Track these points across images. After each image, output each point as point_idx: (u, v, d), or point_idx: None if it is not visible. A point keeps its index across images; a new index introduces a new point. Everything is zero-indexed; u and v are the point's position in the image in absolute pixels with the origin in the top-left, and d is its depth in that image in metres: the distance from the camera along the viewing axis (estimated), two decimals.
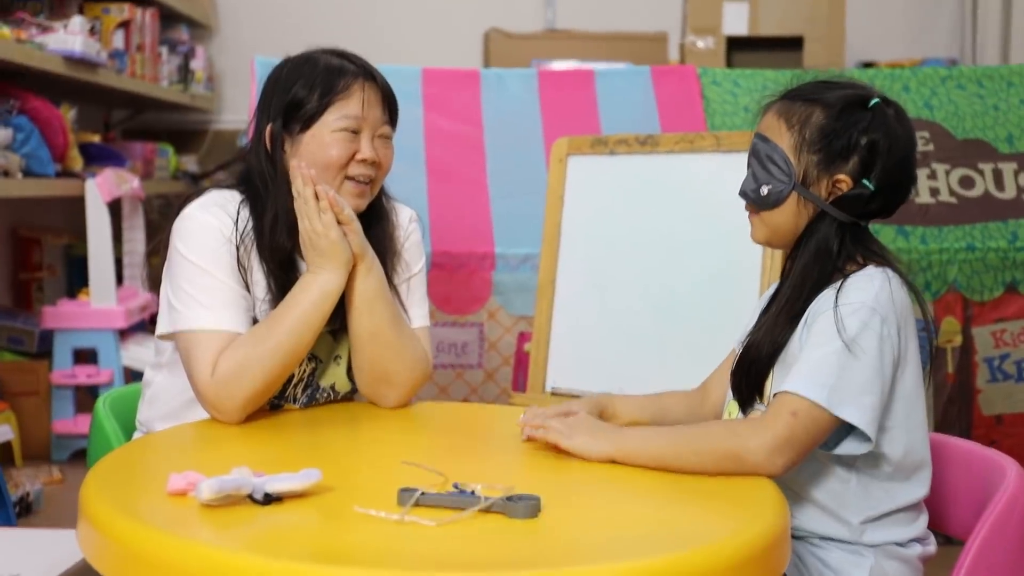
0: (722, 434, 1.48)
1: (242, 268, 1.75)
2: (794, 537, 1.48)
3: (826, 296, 1.54)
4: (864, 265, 1.57)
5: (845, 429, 1.49)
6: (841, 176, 1.57)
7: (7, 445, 3.47)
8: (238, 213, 1.78)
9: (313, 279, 1.73)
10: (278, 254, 1.78)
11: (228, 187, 1.84)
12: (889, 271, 1.55)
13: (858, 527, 1.54)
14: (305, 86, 1.79)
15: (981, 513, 1.52)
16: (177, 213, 1.80)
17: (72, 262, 4.52)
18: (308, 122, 1.79)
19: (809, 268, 1.57)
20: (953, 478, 1.65)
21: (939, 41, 5.19)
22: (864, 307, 1.50)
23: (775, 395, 1.50)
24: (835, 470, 1.55)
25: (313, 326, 1.72)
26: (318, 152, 1.78)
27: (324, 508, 1.29)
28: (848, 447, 1.50)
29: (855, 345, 1.47)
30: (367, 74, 1.82)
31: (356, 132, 1.79)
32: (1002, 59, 4.95)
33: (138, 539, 1.19)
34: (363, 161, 1.79)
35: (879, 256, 1.59)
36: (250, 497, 1.29)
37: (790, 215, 1.59)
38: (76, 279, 4.40)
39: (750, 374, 1.59)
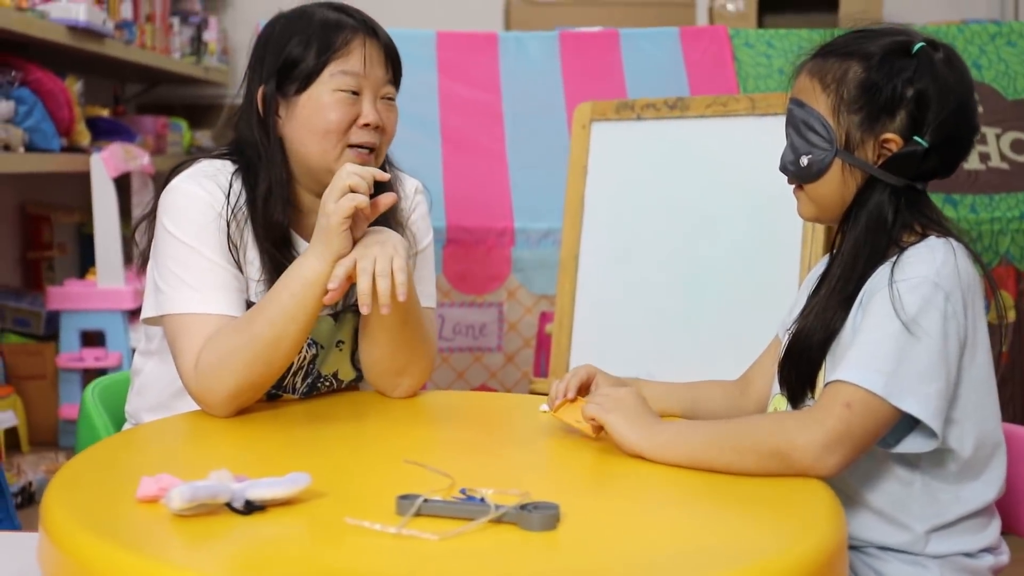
0: (766, 429, 1.31)
1: (233, 246, 1.59)
2: (848, 547, 1.31)
3: (882, 272, 1.36)
4: (923, 235, 1.40)
5: (907, 423, 1.32)
6: (889, 135, 1.39)
7: (13, 430, 3.36)
8: (230, 185, 1.62)
9: (298, 265, 1.55)
10: (272, 231, 1.62)
11: (220, 156, 1.68)
12: (953, 241, 1.38)
13: (922, 536, 1.37)
14: (300, 43, 1.62)
15: None
16: (164, 185, 1.64)
17: (84, 241, 4.41)
18: (304, 83, 1.62)
19: (861, 241, 1.40)
20: (1022, 473, 1.48)
21: (979, 2, 4.97)
22: (925, 282, 1.32)
23: (826, 385, 1.33)
24: (895, 470, 1.37)
25: (296, 318, 1.53)
26: (315, 117, 1.61)
27: (312, 519, 1.14)
28: (911, 444, 1.33)
29: (915, 325, 1.30)
30: (368, 29, 1.65)
31: (357, 93, 1.62)
32: None
33: (96, 555, 1.04)
34: (366, 126, 1.62)
35: (939, 224, 1.41)
36: (228, 506, 1.14)
37: (836, 185, 1.42)
38: (88, 258, 4.28)
39: (800, 364, 1.41)
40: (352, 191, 1.51)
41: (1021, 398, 2.80)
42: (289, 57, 1.62)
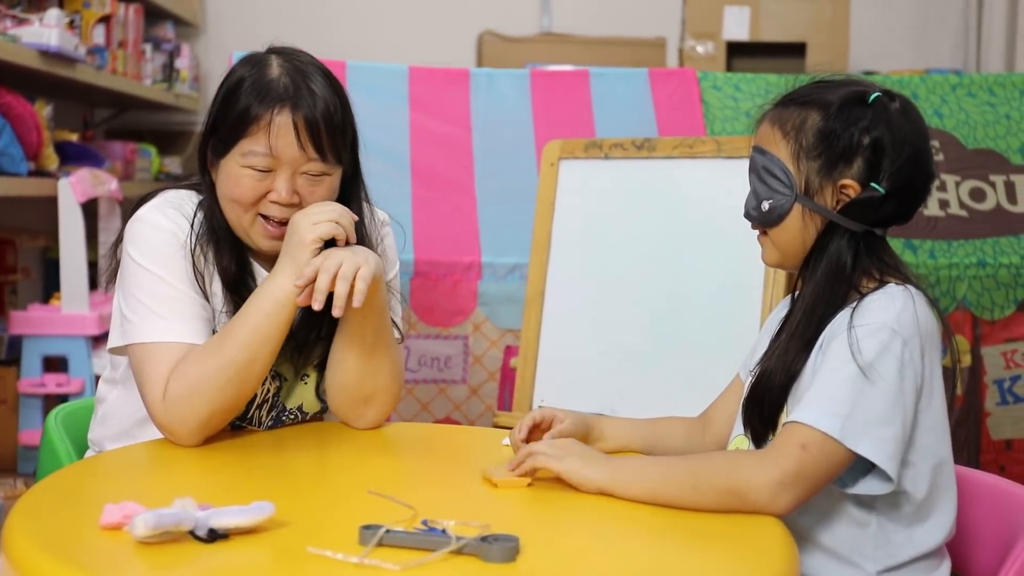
0: (723, 467, 1.34)
1: (199, 275, 1.60)
2: None
3: (842, 317, 1.40)
4: (882, 281, 1.43)
5: (864, 465, 1.35)
6: (846, 181, 1.44)
7: None
8: (194, 215, 1.63)
9: (266, 286, 1.56)
10: (223, 272, 1.63)
11: (187, 186, 1.69)
12: (912, 288, 1.41)
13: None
14: (226, 109, 1.59)
15: (1007, 556, 1.38)
16: (131, 215, 1.65)
17: (49, 265, 4.38)
18: (222, 150, 1.60)
19: (821, 286, 1.43)
20: (975, 515, 1.51)
21: (943, 52, 5.08)
22: (884, 328, 1.36)
23: (784, 425, 1.36)
24: (851, 511, 1.40)
25: (268, 339, 1.54)
26: (225, 186, 1.60)
27: (275, 547, 1.15)
28: (867, 486, 1.35)
29: (872, 370, 1.33)
30: (292, 100, 1.57)
31: (270, 169, 1.58)
32: (1007, 70, 4.83)
33: None
34: (277, 202, 1.58)
35: (897, 271, 1.45)
36: (192, 534, 1.14)
37: (797, 230, 1.46)
38: (53, 283, 4.25)
39: (763, 406, 1.44)
40: (334, 226, 1.53)
41: (976, 441, 2.84)
42: (220, 116, 1.61)
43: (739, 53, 4.34)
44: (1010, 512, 1.48)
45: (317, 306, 1.51)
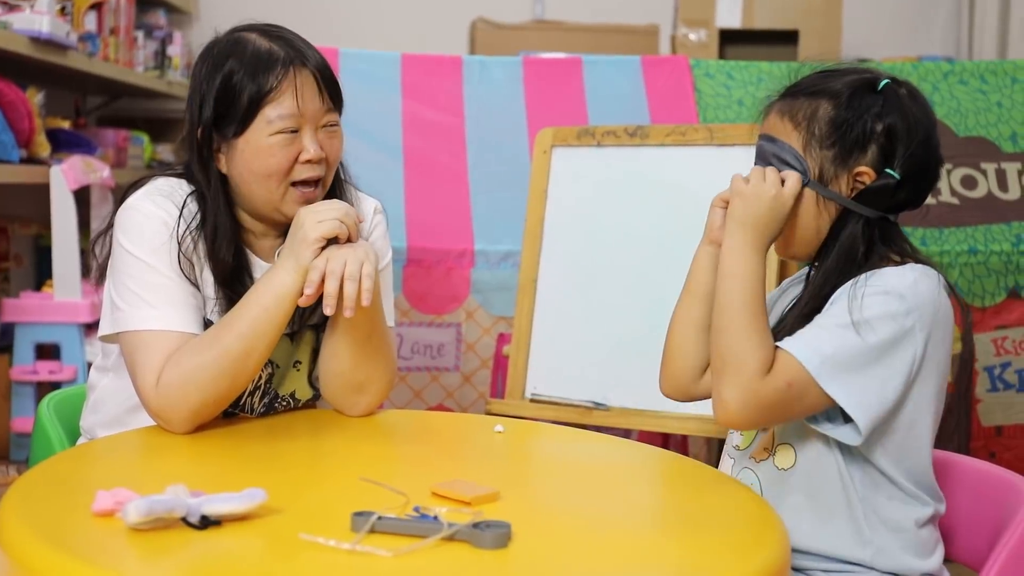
0: (746, 346, 1.38)
1: (188, 263, 1.60)
2: (793, 568, 1.35)
3: (858, 278, 1.42)
4: (903, 263, 1.44)
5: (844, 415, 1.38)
6: (862, 168, 1.45)
7: None
8: (184, 204, 1.63)
9: (268, 279, 1.56)
10: (221, 267, 1.63)
11: (177, 175, 1.69)
12: (931, 269, 1.43)
13: (870, 559, 1.40)
14: (233, 83, 1.58)
15: (996, 541, 1.39)
16: (120, 202, 1.65)
17: (41, 252, 4.37)
18: (241, 126, 1.59)
19: (832, 268, 1.45)
20: (964, 501, 1.52)
21: (935, 39, 5.08)
22: (892, 293, 1.37)
23: (778, 349, 1.39)
24: (849, 493, 1.42)
25: (266, 333, 1.55)
26: (255, 161, 1.59)
27: (267, 534, 1.15)
28: (837, 432, 1.39)
29: (866, 325, 1.35)
30: (299, 58, 1.60)
31: (296, 130, 1.59)
32: (999, 57, 4.83)
33: (51, 568, 1.05)
34: (309, 161, 1.60)
35: (913, 256, 1.46)
36: (184, 520, 1.15)
37: (810, 218, 1.46)
38: (45, 270, 4.25)
39: None
40: (339, 224, 1.54)
41: (966, 428, 2.85)
42: (223, 98, 1.59)
43: (732, 41, 4.34)
44: (1000, 498, 1.49)
45: (329, 311, 1.53)
